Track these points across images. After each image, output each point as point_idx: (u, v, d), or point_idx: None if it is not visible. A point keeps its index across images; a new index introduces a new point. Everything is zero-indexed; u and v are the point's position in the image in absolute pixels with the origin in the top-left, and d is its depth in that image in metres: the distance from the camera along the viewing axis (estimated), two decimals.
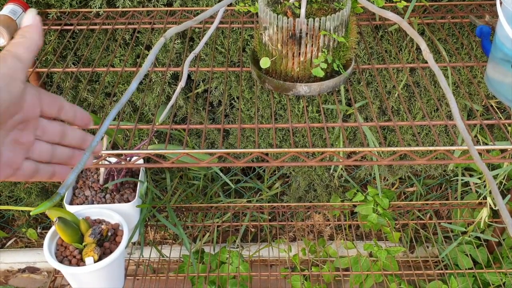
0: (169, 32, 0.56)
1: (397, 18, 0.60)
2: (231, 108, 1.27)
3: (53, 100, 0.42)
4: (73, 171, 0.40)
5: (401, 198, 1.50)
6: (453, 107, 0.51)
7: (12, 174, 0.40)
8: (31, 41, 0.40)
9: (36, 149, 0.42)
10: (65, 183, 0.39)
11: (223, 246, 1.40)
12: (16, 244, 1.56)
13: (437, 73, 0.53)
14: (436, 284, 1.28)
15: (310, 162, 0.72)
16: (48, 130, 0.43)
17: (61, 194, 0.39)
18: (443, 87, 0.52)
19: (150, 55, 0.51)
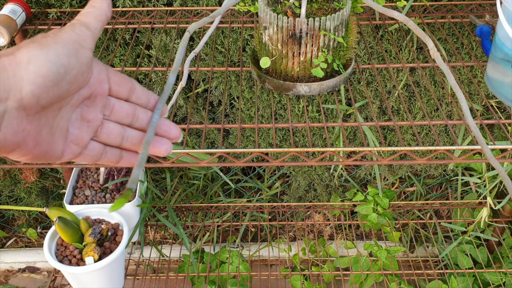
0: (192, 27, 0.56)
1: (403, 17, 0.60)
2: (231, 108, 1.27)
3: (122, 81, 0.40)
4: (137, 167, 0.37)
5: (401, 198, 1.50)
6: (463, 105, 0.50)
7: (79, 154, 0.38)
8: (100, 11, 0.38)
9: (105, 130, 0.39)
10: (132, 179, 0.37)
11: (223, 246, 1.40)
12: (16, 243, 1.57)
13: (445, 72, 0.52)
14: (436, 283, 1.28)
15: (310, 161, 0.72)
16: (117, 110, 0.40)
17: (133, 189, 0.37)
18: (453, 85, 0.52)
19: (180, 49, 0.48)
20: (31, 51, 0.32)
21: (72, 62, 0.34)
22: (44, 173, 1.41)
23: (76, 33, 0.36)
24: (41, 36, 0.35)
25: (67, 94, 0.35)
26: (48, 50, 0.33)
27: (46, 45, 0.33)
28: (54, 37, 0.34)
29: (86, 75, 0.36)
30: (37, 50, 0.33)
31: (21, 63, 0.32)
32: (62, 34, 0.35)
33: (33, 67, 0.32)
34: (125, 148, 0.41)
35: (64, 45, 0.34)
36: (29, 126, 0.33)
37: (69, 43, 0.35)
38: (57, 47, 0.34)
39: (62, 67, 0.33)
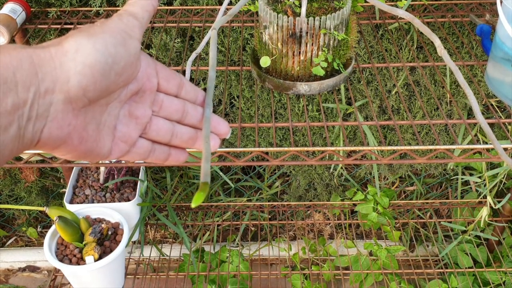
0: (217, 24, 0.56)
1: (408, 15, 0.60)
2: (231, 107, 1.27)
3: (171, 75, 0.38)
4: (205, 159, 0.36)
5: (401, 197, 1.50)
6: (473, 102, 0.50)
7: (127, 152, 0.37)
8: (147, 1, 0.37)
9: (153, 126, 0.38)
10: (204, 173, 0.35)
11: (223, 245, 1.40)
12: (17, 243, 1.57)
13: (453, 69, 0.52)
14: (436, 283, 1.28)
15: (310, 161, 0.72)
16: (166, 106, 0.38)
17: (208, 182, 0.35)
18: (461, 83, 0.52)
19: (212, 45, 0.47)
20: (78, 40, 0.31)
21: (120, 52, 0.33)
22: (44, 173, 1.41)
23: (124, 23, 0.34)
24: (88, 26, 0.34)
25: (115, 87, 0.34)
26: (96, 39, 0.32)
27: (93, 34, 0.32)
28: (102, 26, 0.33)
29: (134, 67, 0.35)
30: (85, 39, 0.32)
31: (68, 53, 0.31)
32: (109, 23, 0.34)
33: (80, 57, 0.31)
34: (173, 145, 0.40)
35: (112, 34, 0.33)
36: (75, 121, 0.32)
37: (117, 32, 0.33)
38: (104, 36, 0.32)
39: (110, 57, 0.32)
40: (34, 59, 0.29)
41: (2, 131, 0.28)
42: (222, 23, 0.55)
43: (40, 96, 0.29)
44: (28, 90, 0.29)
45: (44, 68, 0.30)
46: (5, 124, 0.28)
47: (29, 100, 0.29)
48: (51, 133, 0.31)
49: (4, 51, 0.29)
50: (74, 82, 0.30)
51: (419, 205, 1.45)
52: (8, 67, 0.28)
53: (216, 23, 0.54)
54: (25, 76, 0.29)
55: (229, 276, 1.32)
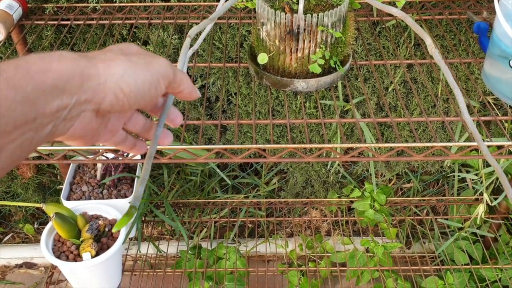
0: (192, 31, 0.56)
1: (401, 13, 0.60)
2: (229, 104, 1.27)
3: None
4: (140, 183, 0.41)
5: (398, 194, 1.50)
6: (461, 102, 0.50)
7: (108, 139, 0.42)
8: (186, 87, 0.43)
9: (133, 120, 0.44)
10: (135, 196, 0.40)
11: (220, 242, 1.40)
12: (13, 239, 1.56)
13: (443, 69, 0.52)
14: (432, 279, 1.28)
15: (307, 158, 0.72)
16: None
17: (136, 206, 0.40)
18: (450, 82, 0.52)
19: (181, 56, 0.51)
20: (125, 68, 0.37)
21: (151, 93, 0.39)
22: (41, 169, 1.41)
23: (165, 69, 0.40)
24: (135, 53, 0.39)
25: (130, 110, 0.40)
26: (139, 74, 0.38)
27: (140, 68, 0.38)
28: (148, 64, 0.39)
29: (149, 105, 0.42)
30: (131, 70, 0.37)
31: (114, 76, 0.36)
32: (155, 63, 0.39)
33: (122, 84, 0.36)
34: (142, 136, 0.46)
35: (152, 75, 0.38)
36: (94, 124, 0.38)
37: (157, 76, 0.39)
38: (146, 74, 0.38)
39: (143, 94, 0.38)
40: (84, 73, 0.34)
41: (41, 129, 0.32)
42: (198, 30, 0.55)
43: (78, 104, 0.34)
44: (72, 98, 0.34)
45: (90, 83, 0.35)
46: (46, 123, 0.33)
47: (70, 106, 0.34)
48: (74, 132, 0.36)
49: (63, 61, 0.33)
50: (108, 100, 0.36)
51: (415, 202, 1.46)
52: (62, 77, 0.33)
53: (192, 32, 0.54)
54: (73, 86, 0.33)
55: (226, 273, 1.32)
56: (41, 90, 0.31)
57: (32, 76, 0.31)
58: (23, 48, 0.99)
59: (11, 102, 0.30)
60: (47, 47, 1.09)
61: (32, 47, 1.07)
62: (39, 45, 1.09)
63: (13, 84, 0.30)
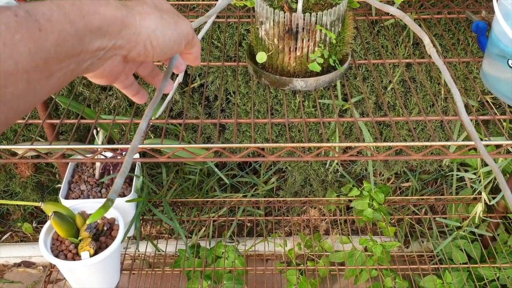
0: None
1: (399, 13, 0.60)
2: (227, 103, 1.26)
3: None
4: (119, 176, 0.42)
5: (397, 193, 1.50)
6: (458, 101, 0.51)
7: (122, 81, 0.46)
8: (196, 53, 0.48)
9: (144, 64, 0.48)
10: (114, 189, 0.41)
11: (219, 241, 1.40)
12: (12, 238, 1.56)
13: (441, 68, 0.52)
14: (430, 278, 1.29)
15: (306, 157, 0.72)
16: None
17: (113, 199, 0.40)
18: (448, 81, 0.52)
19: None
20: (157, 24, 0.40)
21: (174, 49, 0.43)
22: (39, 168, 1.40)
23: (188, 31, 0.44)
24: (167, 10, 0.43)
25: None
26: (168, 31, 0.41)
27: (169, 26, 0.41)
28: (176, 24, 0.42)
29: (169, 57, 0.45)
30: (162, 26, 0.41)
31: (148, 29, 0.39)
32: (182, 24, 0.43)
33: (152, 37, 0.40)
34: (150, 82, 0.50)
35: (178, 34, 0.42)
36: (120, 68, 0.42)
37: (181, 35, 0.43)
38: (174, 32, 0.42)
39: (167, 49, 0.42)
40: (124, 21, 0.38)
41: (82, 63, 0.36)
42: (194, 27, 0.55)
43: (114, 47, 0.38)
44: (111, 41, 0.37)
45: (127, 30, 0.38)
46: (87, 58, 0.36)
47: (107, 47, 0.37)
48: (103, 71, 0.41)
49: (109, 6, 0.37)
50: (137, 49, 0.40)
51: (414, 201, 1.46)
52: (107, 21, 0.36)
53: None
54: (113, 31, 0.37)
55: (225, 272, 1.33)
56: (88, 29, 0.35)
57: (83, 15, 0.34)
58: None
59: (66, 35, 0.33)
60: None
61: None
62: None
63: (70, 19, 0.33)
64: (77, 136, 1.30)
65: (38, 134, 1.21)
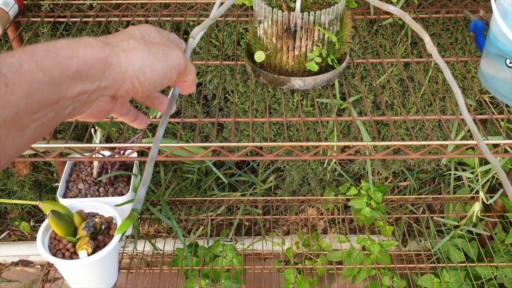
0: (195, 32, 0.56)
1: (399, 11, 0.60)
2: (225, 102, 1.26)
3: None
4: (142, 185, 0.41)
5: (395, 192, 1.50)
6: (460, 100, 0.50)
7: (117, 111, 0.45)
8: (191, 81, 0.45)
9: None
10: (137, 198, 0.40)
11: (217, 240, 1.40)
12: (9, 237, 1.56)
13: (442, 66, 0.52)
14: (428, 277, 1.29)
15: (304, 156, 0.72)
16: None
17: (138, 209, 0.40)
18: (449, 80, 0.52)
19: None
20: (144, 59, 0.39)
21: (164, 82, 0.41)
22: (37, 167, 1.40)
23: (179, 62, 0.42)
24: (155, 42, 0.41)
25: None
26: (156, 65, 0.39)
27: (158, 59, 0.39)
28: (166, 55, 0.40)
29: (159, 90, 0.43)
30: (150, 61, 0.39)
31: (134, 65, 0.38)
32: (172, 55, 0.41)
33: (140, 73, 0.38)
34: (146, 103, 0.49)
35: (168, 66, 0.40)
36: (109, 106, 0.40)
37: (171, 67, 0.41)
38: (163, 65, 0.40)
39: (156, 83, 0.40)
40: (107, 61, 0.36)
41: (62, 110, 0.34)
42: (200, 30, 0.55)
43: (98, 89, 0.36)
44: (93, 84, 0.36)
45: (111, 70, 0.37)
46: (67, 105, 0.34)
47: (91, 91, 0.36)
48: (91, 112, 0.39)
49: (89, 48, 0.35)
50: (124, 88, 0.38)
51: (412, 200, 1.46)
52: (87, 63, 0.35)
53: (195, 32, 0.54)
54: (95, 73, 0.35)
55: (223, 271, 1.33)
56: (66, 75, 0.33)
57: (59, 61, 0.33)
58: (19, 45, 0.98)
59: (39, 84, 0.32)
60: None
61: (28, 44, 1.07)
62: (35, 42, 1.08)
63: (42, 67, 0.32)
64: (75, 134, 1.30)
65: None
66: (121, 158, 0.75)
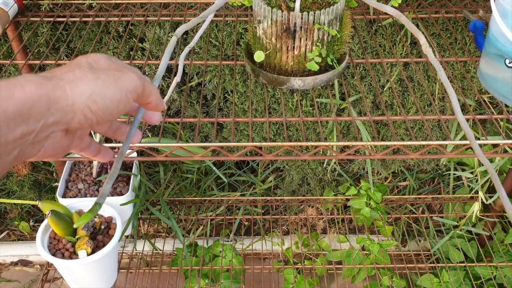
0: (180, 30, 0.56)
1: (396, 12, 0.60)
2: (225, 102, 1.26)
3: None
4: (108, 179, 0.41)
5: (394, 192, 1.50)
6: (454, 101, 0.51)
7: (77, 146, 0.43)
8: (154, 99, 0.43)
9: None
10: (102, 193, 0.40)
11: (217, 240, 1.40)
12: (9, 237, 1.56)
13: (437, 67, 0.53)
14: (427, 277, 1.29)
15: (303, 156, 0.72)
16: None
17: (101, 203, 0.40)
18: (444, 81, 0.52)
19: (165, 55, 0.52)
20: (93, 87, 0.36)
21: (120, 108, 0.38)
22: (36, 167, 1.40)
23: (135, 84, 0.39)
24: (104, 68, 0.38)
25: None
26: (107, 92, 0.37)
27: (108, 85, 0.37)
28: (117, 80, 0.38)
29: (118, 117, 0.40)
30: (99, 88, 0.36)
31: (82, 96, 0.35)
32: (124, 79, 0.38)
33: (90, 103, 0.36)
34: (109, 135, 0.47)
35: (121, 92, 0.38)
36: (64, 142, 0.38)
37: (126, 92, 0.38)
38: (115, 92, 0.37)
39: (111, 110, 0.37)
40: (50, 96, 0.34)
41: (5, 155, 0.32)
42: (186, 28, 0.56)
43: (46, 126, 0.34)
44: (38, 122, 0.33)
45: (57, 105, 0.34)
46: (10, 149, 0.32)
47: (36, 130, 0.33)
48: (45, 151, 0.37)
49: (27, 86, 0.33)
50: (76, 120, 0.36)
51: (411, 200, 1.46)
52: (26, 103, 0.32)
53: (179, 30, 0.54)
54: (38, 111, 0.33)
55: (222, 271, 1.33)
56: (3, 118, 0.31)
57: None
58: (18, 45, 0.98)
59: None
60: (42, 44, 1.08)
61: (27, 44, 1.07)
62: (34, 42, 1.08)
63: None
64: None
65: None
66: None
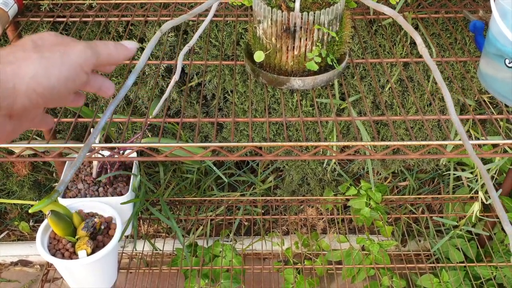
0: (165, 26, 0.56)
1: (393, 12, 0.60)
2: (225, 102, 1.26)
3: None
4: (71, 167, 0.41)
5: (394, 192, 1.50)
6: (448, 101, 0.51)
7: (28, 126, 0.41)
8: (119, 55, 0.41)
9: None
10: (63, 180, 0.40)
11: (217, 240, 1.40)
12: (9, 237, 1.56)
13: (432, 68, 0.53)
14: (427, 277, 1.29)
15: (303, 156, 0.72)
16: None
17: (60, 191, 0.39)
18: (438, 81, 0.52)
19: (146, 50, 0.51)
20: (36, 67, 0.34)
21: (69, 86, 0.36)
22: (36, 167, 1.40)
23: (84, 56, 0.37)
24: (50, 44, 0.36)
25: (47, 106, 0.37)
26: (53, 70, 0.35)
27: (53, 63, 0.35)
28: (64, 56, 0.36)
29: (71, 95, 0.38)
30: (43, 68, 0.34)
31: (24, 78, 0.34)
32: (71, 53, 0.36)
33: (34, 84, 0.34)
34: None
35: (69, 68, 0.36)
36: (9, 126, 0.36)
37: (75, 66, 0.36)
38: (62, 69, 0.35)
39: (58, 89, 0.35)
40: None
41: None
42: (172, 25, 0.56)
43: None
44: None
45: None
46: None
47: None
48: None
49: None
50: (19, 103, 0.34)
51: (411, 200, 1.46)
52: None
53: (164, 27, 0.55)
54: None
55: (222, 271, 1.33)
56: None
57: None
58: None
59: None
60: None
61: None
62: None
63: None
64: (74, 135, 1.30)
65: (35, 133, 1.21)
66: (121, 158, 0.75)
